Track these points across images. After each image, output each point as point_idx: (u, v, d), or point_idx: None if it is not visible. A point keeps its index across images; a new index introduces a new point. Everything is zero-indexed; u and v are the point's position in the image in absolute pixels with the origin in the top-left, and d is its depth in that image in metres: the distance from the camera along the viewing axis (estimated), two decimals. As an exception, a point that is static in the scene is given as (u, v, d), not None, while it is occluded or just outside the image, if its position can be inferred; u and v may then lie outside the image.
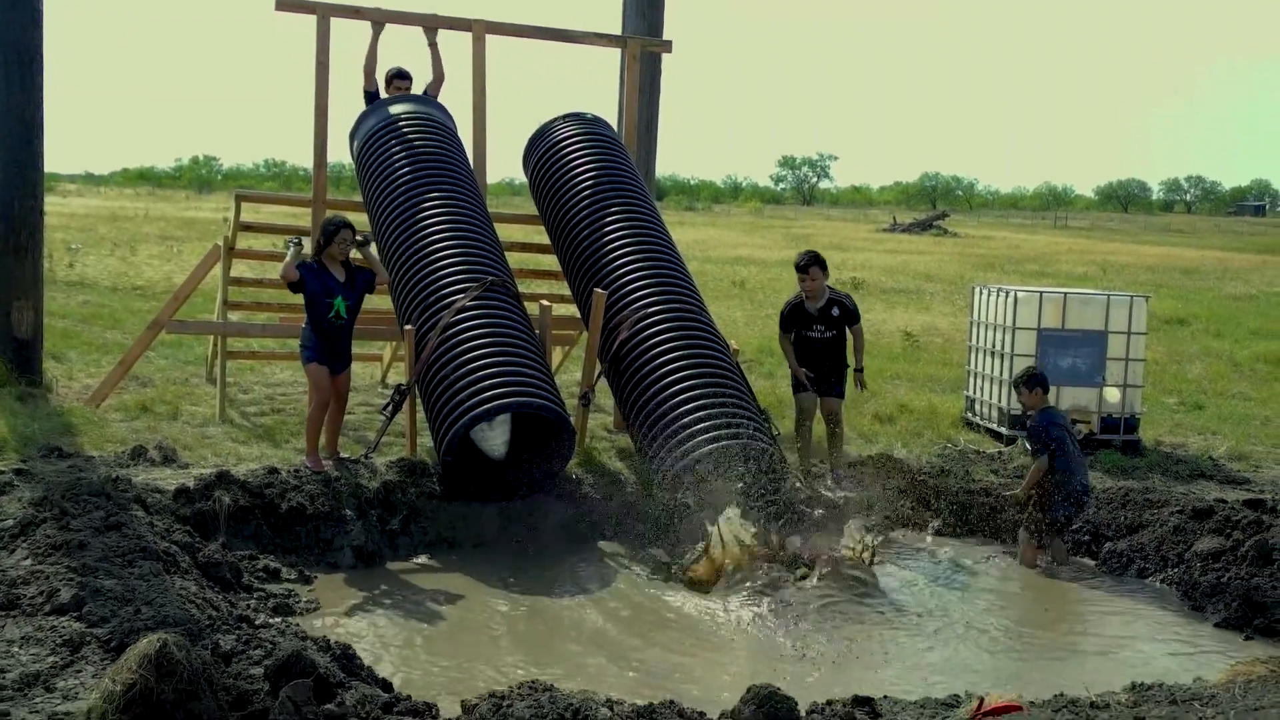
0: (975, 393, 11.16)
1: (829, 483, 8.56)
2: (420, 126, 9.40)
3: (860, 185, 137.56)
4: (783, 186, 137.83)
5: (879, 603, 6.58)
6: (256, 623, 5.34)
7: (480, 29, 10.02)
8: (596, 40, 10.84)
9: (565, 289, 9.74)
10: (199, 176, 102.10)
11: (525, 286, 10.51)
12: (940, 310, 21.06)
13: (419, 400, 8.04)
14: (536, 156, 9.77)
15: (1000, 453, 9.91)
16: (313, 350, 7.81)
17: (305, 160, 10.17)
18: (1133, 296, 10.76)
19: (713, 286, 21.62)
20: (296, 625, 5.52)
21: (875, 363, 13.99)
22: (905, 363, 14.55)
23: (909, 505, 8.45)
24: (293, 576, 6.60)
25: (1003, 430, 10.45)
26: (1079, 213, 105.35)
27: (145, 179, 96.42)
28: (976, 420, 11.02)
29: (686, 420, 7.68)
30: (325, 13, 9.61)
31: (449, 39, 10.20)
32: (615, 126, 10.47)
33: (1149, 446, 10.37)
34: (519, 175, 11.84)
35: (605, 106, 11.38)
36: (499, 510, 7.68)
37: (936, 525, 8.28)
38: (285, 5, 9.47)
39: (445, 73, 10.10)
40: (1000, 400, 10.58)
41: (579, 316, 9.50)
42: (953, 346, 15.64)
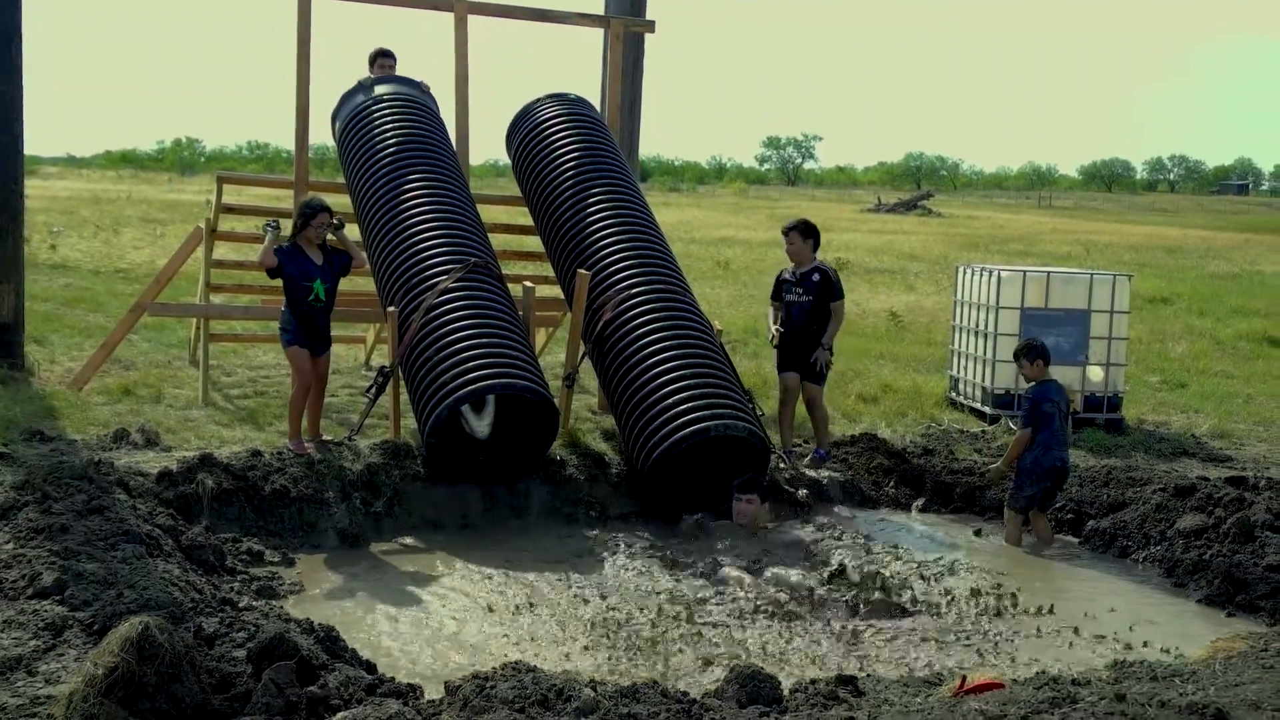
0: (959, 372, 11.19)
1: (808, 461, 8.58)
2: (402, 108, 9.35)
3: (845, 165, 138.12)
4: (767, 167, 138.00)
5: (861, 582, 6.59)
6: (240, 605, 5.33)
7: (463, 9, 9.96)
8: (580, 20, 10.80)
9: (549, 270, 9.71)
10: (181, 159, 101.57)
11: (509, 268, 10.48)
12: (924, 290, 21.11)
13: (402, 382, 8.02)
14: (519, 137, 9.73)
15: (984, 431, 9.95)
16: (292, 333, 7.77)
17: (288, 142, 10.12)
18: (1116, 275, 10.80)
19: (697, 267, 21.62)
20: (280, 608, 5.52)
21: (860, 342, 14.04)
22: (889, 342, 14.59)
23: (892, 484, 8.49)
24: (276, 559, 6.59)
25: (986, 409, 10.49)
26: (1063, 192, 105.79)
27: (127, 161, 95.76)
28: (960, 399, 11.05)
29: (670, 401, 7.67)
30: (307, -8, 9.53)
31: (432, 19, 10.14)
32: (598, 107, 10.43)
33: (1132, 425, 10.43)
34: (503, 157, 11.79)
35: (588, 87, 11.36)
36: (483, 492, 7.67)
37: (920, 503, 8.32)
38: (266, -16, 9.41)
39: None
40: (984, 379, 10.62)
41: (563, 298, 9.49)
42: (937, 326, 15.69)
